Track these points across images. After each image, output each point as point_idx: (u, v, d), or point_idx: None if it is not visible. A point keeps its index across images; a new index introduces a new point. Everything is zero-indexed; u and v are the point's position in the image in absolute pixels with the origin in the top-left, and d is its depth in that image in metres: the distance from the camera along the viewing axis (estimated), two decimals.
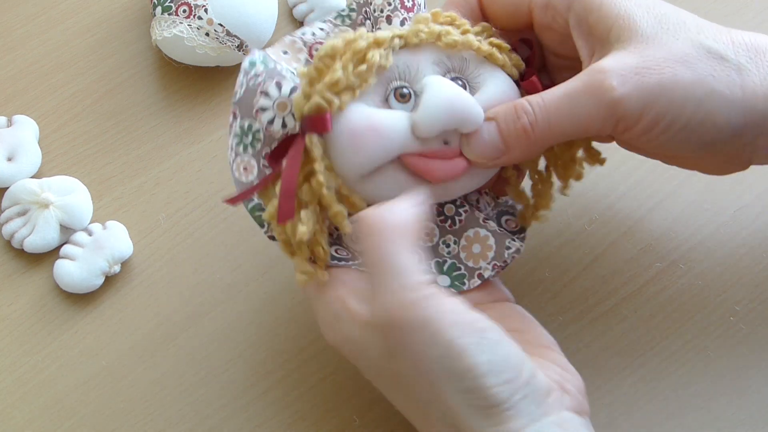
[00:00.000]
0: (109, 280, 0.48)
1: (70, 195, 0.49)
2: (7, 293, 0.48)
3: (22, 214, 0.49)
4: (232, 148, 0.37)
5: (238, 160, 0.37)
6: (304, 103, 0.36)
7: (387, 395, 0.38)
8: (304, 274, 0.36)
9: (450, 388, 0.33)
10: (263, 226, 0.38)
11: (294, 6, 0.56)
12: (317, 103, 0.35)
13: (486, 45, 0.38)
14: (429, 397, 0.34)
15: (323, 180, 0.36)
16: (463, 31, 0.38)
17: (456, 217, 0.40)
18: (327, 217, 0.37)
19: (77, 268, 0.47)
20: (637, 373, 0.45)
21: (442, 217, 0.41)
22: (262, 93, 0.36)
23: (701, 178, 0.50)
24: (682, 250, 0.48)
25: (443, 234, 0.40)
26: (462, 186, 0.38)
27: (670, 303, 0.47)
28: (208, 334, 0.47)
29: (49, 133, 0.53)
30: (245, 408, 0.45)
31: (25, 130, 0.51)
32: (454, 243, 0.40)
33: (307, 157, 0.36)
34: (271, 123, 0.37)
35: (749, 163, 0.39)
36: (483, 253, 0.39)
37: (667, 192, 0.49)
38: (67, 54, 0.55)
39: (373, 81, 0.36)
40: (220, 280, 0.48)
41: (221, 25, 0.50)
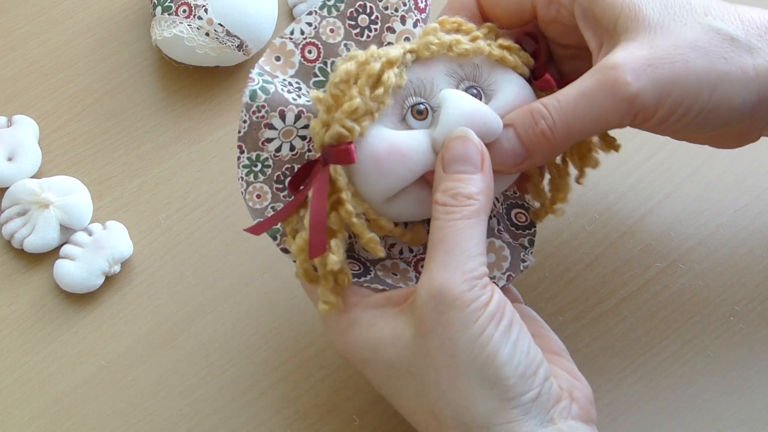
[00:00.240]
0: (109, 280, 0.48)
1: (70, 195, 0.49)
2: (7, 293, 0.48)
3: (22, 214, 0.49)
4: (242, 179, 0.37)
5: (251, 189, 0.37)
6: (324, 132, 0.35)
7: (394, 397, 0.37)
8: (327, 305, 0.36)
9: (471, 374, 0.33)
10: (276, 239, 0.38)
11: (294, 6, 0.56)
12: (339, 132, 0.35)
13: (496, 48, 0.38)
14: (446, 386, 0.34)
15: (352, 209, 0.35)
16: (473, 37, 0.38)
17: None
18: (355, 243, 0.37)
19: (77, 268, 0.47)
20: (637, 373, 0.45)
21: None
22: (266, 126, 0.36)
23: (701, 178, 0.50)
24: (682, 250, 0.48)
25: None
26: None
27: (670, 303, 0.47)
28: (208, 334, 0.47)
29: (49, 133, 0.53)
30: (245, 408, 0.45)
31: (25, 130, 0.51)
32: None
33: (332, 186, 0.36)
34: (278, 150, 0.37)
35: (760, 136, 0.40)
36: (498, 263, 0.39)
37: (667, 192, 0.49)
38: (67, 54, 0.55)
39: (390, 102, 0.36)
40: (220, 280, 0.48)
41: (221, 25, 0.50)
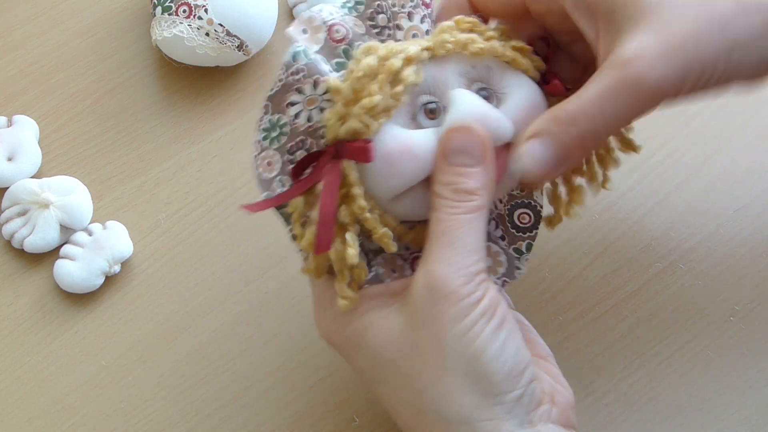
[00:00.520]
0: (109, 280, 0.48)
1: (70, 195, 0.49)
2: (7, 293, 0.48)
3: (22, 214, 0.49)
4: (259, 142, 0.37)
5: (263, 154, 0.37)
6: (339, 125, 0.35)
7: (375, 386, 0.37)
8: (345, 299, 0.36)
9: (457, 368, 0.33)
10: (289, 224, 0.38)
11: (294, 6, 0.56)
12: (356, 128, 0.35)
13: (509, 50, 0.38)
14: (431, 378, 0.34)
15: (365, 204, 0.35)
16: (487, 37, 0.38)
17: None
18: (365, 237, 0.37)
19: (77, 268, 0.47)
20: (637, 373, 0.45)
21: None
22: (297, 90, 0.36)
23: (701, 178, 0.50)
24: (682, 250, 0.48)
25: None
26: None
27: (670, 303, 0.47)
28: (208, 334, 0.47)
29: (49, 133, 0.53)
30: (245, 408, 0.45)
31: (25, 130, 0.51)
32: None
33: (343, 180, 0.36)
34: (297, 117, 0.37)
35: None
36: (493, 268, 0.39)
37: (667, 192, 0.49)
38: (67, 54, 0.55)
39: (405, 100, 0.36)
40: (220, 280, 0.48)
41: (221, 25, 0.50)
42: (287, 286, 0.48)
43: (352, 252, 0.35)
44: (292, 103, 0.36)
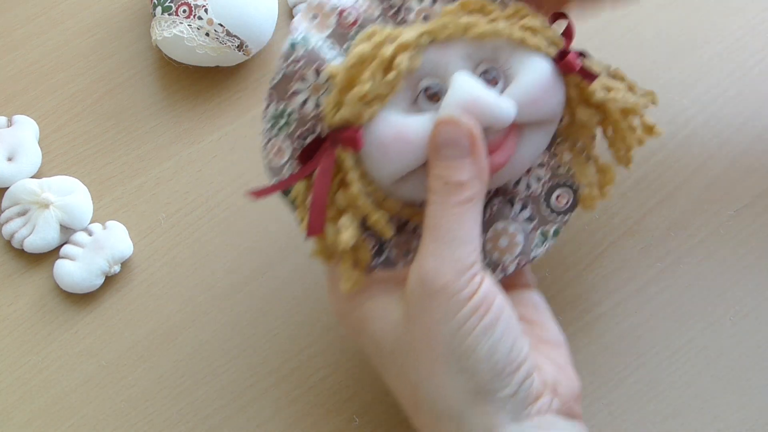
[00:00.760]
0: (109, 280, 0.48)
1: (70, 195, 0.49)
2: (7, 293, 0.48)
3: (22, 214, 0.49)
4: (266, 132, 0.37)
5: (272, 142, 0.37)
6: (333, 112, 0.35)
7: (381, 372, 0.38)
8: (350, 281, 0.36)
9: (449, 365, 0.33)
10: (295, 209, 0.38)
11: (294, 6, 0.56)
12: (346, 117, 0.35)
13: (518, 30, 0.37)
14: (424, 373, 0.34)
15: (357, 190, 0.36)
16: (492, 18, 0.37)
17: (485, 210, 0.40)
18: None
19: (77, 268, 0.47)
20: (637, 373, 0.45)
21: None
22: (299, 79, 0.36)
23: (701, 178, 0.50)
24: (682, 250, 0.48)
25: None
26: (501, 177, 0.38)
27: (670, 303, 0.47)
28: (208, 334, 0.47)
29: (49, 133, 0.53)
30: (245, 408, 0.45)
31: (25, 130, 0.51)
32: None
33: (338, 166, 0.36)
34: (304, 104, 0.37)
35: None
36: (510, 248, 0.39)
37: (667, 192, 0.49)
38: (67, 54, 0.55)
39: (402, 86, 0.36)
40: (220, 280, 0.48)
41: (221, 25, 0.50)
42: (287, 287, 0.48)
43: (346, 236, 0.35)
44: (297, 92, 0.36)
